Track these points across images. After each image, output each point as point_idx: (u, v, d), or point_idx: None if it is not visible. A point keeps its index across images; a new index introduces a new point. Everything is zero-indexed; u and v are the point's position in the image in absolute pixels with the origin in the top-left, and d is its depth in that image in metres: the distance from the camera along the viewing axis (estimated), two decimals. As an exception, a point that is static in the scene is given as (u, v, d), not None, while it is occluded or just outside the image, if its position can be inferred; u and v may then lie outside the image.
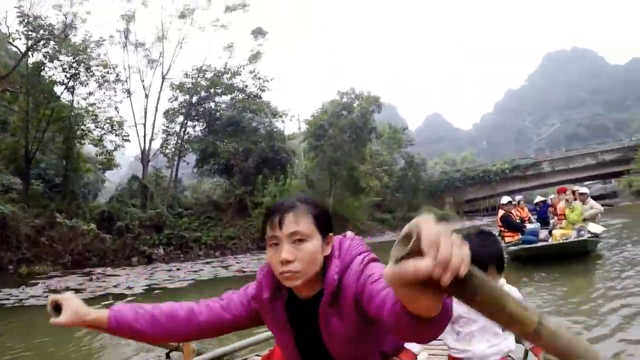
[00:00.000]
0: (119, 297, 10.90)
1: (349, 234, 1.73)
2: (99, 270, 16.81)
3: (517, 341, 2.40)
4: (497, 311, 0.78)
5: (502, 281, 2.29)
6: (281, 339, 1.77)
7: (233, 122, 29.25)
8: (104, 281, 13.67)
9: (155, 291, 11.68)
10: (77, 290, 11.75)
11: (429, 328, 0.99)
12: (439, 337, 1.92)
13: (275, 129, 31.47)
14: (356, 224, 33.02)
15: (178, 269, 16.39)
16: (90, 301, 10.07)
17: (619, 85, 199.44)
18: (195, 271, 15.69)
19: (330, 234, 1.62)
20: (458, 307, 2.07)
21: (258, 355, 2.77)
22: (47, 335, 7.45)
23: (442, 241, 0.68)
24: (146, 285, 12.57)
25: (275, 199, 26.29)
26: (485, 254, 2.09)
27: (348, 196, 34.38)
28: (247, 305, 1.77)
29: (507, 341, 2.26)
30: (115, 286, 12.56)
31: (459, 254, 0.69)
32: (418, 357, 2.25)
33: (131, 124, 26.69)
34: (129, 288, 12.12)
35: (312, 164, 31.46)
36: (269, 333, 2.58)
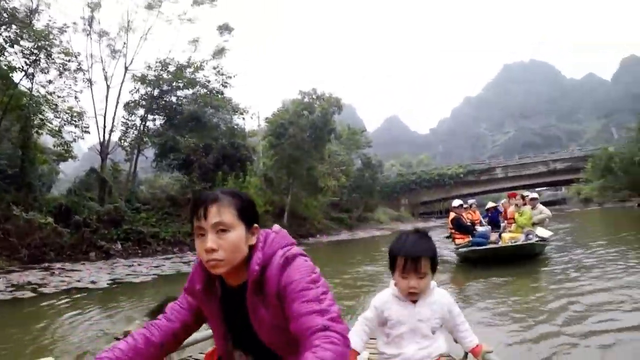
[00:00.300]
0: (83, 291, 10.96)
1: (276, 227, 1.85)
2: (58, 265, 16.51)
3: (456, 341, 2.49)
4: None
5: (433, 284, 2.31)
6: (216, 327, 1.87)
7: (194, 117, 28.95)
8: (66, 276, 13.43)
9: (120, 286, 11.72)
10: (39, 285, 11.72)
11: None
12: (369, 342, 2.14)
13: (236, 126, 31.35)
14: (313, 223, 33.65)
15: (139, 264, 16.28)
16: (54, 295, 10.22)
17: (574, 99, 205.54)
18: (157, 266, 15.66)
19: (255, 225, 1.74)
20: (387, 310, 2.26)
21: (202, 353, 2.79)
22: (15, 326, 7.52)
23: None
24: (110, 280, 12.54)
25: None
26: (420, 247, 2.18)
27: (306, 195, 34.63)
28: (188, 306, 1.89)
29: (438, 343, 2.29)
30: (78, 280, 12.46)
31: None
32: (359, 356, 2.32)
33: (90, 115, 26.05)
34: (93, 282, 12.08)
35: (271, 162, 31.54)
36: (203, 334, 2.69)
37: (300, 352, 1.51)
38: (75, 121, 23.83)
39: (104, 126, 26.65)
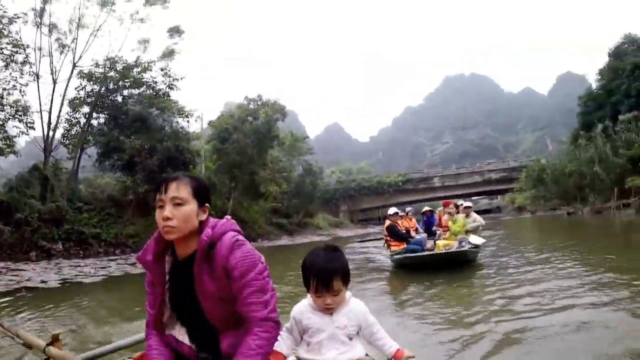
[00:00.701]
0: (34, 290, 11.14)
1: (227, 217, 2.12)
2: (1, 264, 16.37)
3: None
4: None
5: (348, 294, 2.38)
6: (159, 295, 2.07)
7: (140, 118, 28.64)
8: (15, 275, 13.54)
9: (71, 285, 11.93)
10: None
11: None
12: (294, 349, 2.30)
13: (181, 129, 31.27)
14: (254, 228, 33.89)
15: (85, 265, 16.38)
16: (5, 294, 10.39)
17: (511, 111, 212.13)
18: (103, 267, 15.84)
19: (207, 205, 2.04)
20: (305, 320, 2.33)
21: (131, 358, 2.79)
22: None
23: None
24: (60, 280, 12.76)
25: None
26: (332, 267, 2.24)
27: (248, 200, 35.08)
28: (150, 285, 2.12)
29: (356, 349, 2.35)
30: (28, 279, 12.62)
31: None
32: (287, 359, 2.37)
33: (35, 110, 25.34)
34: (43, 282, 12.24)
35: (214, 166, 31.80)
36: (136, 337, 2.88)
37: (239, 330, 1.96)
38: (19, 116, 23.24)
39: (49, 122, 25.94)
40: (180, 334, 2.09)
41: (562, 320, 5.42)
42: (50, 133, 26.01)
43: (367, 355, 2.57)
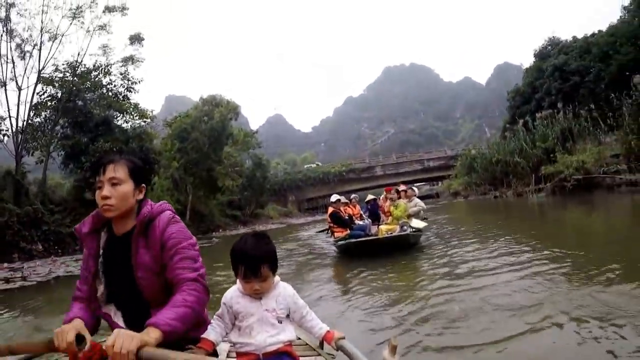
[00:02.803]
0: (41, 285, 12.40)
1: (164, 201, 2.28)
2: None
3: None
4: None
5: (276, 279, 2.42)
6: (90, 268, 2.15)
7: (103, 121, 29.23)
8: (18, 273, 14.74)
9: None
10: (7, 280, 13.18)
11: None
12: (225, 337, 2.38)
13: (143, 130, 31.98)
14: (212, 220, 35.84)
15: (77, 260, 17.51)
16: (39, 285, 12.11)
17: (450, 100, 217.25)
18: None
19: (143, 185, 2.21)
20: (235, 304, 2.36)
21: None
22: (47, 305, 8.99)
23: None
24: (68, 272, 14.16)
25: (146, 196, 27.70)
26: (259, 253, 2.25)
27: (206, 194, 36.79)
28: (85, 263, 2.20)
29: (286, 331, 2.38)
30: (36, 273, 14.12)
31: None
32: (218, 348, 2.37)
33: (3, 117, 26.04)
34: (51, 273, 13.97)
35: (178, 164, 32.93)
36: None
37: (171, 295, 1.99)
38: None
39: (17, 128, 26.47)
40: (116, 316, 2.16)
41: (493, 296, 5.89)
42: (19, 139, 26.39)
43: (298, 338, 2.77)
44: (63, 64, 29.03)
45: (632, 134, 22.72)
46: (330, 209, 12.44)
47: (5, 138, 25.54)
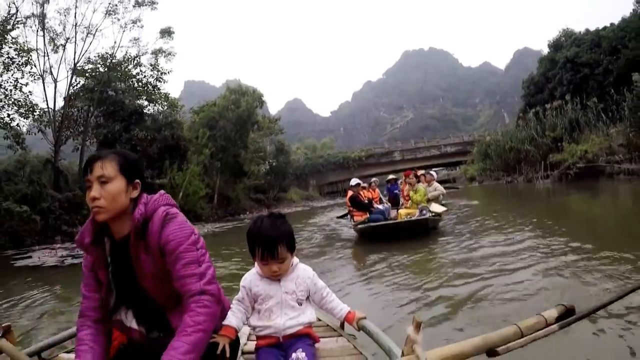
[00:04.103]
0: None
1: (161, 191, 2.09)
2: (37, 247, 18.56)
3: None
4: None
5: (295, 260, 2.38)
6: (102, 279, 2.00)
7: (135, 111, 30.52)
8: (69, 255, 15.30)
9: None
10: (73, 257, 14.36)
11: None
12: (245, 321, 2.32)
13: (174, 119, 33.09)
14: (239, 203, 37.37)
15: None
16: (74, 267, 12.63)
17: (469, 85, 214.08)
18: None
19: (137, 180, 1.98)
20: (254, 287, 2.34)
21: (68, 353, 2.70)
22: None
23: None
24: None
25: (175, 181, 28.51)
26: (276, 234, 2.21)
27: (232, 179, 38.25)
28: (89, 269, 2.04)
29: (306, 313, 2.37)
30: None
31: None
32: (240, 332, 2.34)
33: (42, 108, 26.90)
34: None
35: (209, 151, 33.76)
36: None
37: (182, 311, 1.87)
38: (28, 114, 25.00)
39: (54, 119, 27.46)
40: (128, 319, 2.05)
41: (511, 283, 5.77)
42: (57, 129, 27.37)
43: (319, 319, 2.77)
44: (95, 56, 30.32)
45: (631, 127, 23.86)
46: (350, 193, 12.33)
47: (45, 129, 26.83)
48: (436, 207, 11.77)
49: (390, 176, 16.33)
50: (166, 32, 32.16)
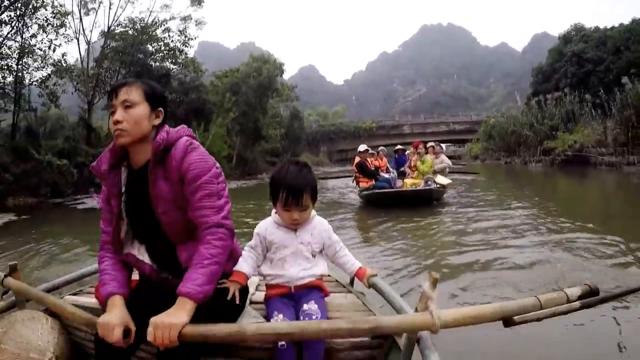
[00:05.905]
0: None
1: (183, 125, 2.10)
2: (76, 197, 20.31)
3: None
4: None
5: (313, 212, 2.36)
6: (115, 208, 2.01)
7: (165, 74, 31.51)
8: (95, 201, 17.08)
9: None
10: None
11: None
12: (256, 269, 2.32)
13: (201, 83, 34.43)
14: (255, 165, 39.40)
15: None
16: None
17: (485, 64, 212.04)
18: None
19: (160, 109, 2.00)
20: (270, 235, 2.32)
21: (92, 287, 2.76)
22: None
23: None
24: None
25: (200, 140, 31.42)
26: (302, 181, 2.19)
27: (251, 143, 40.21)
28: (105, 202, 2.07)
29: (319, 266, 2.36)
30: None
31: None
32: (249, 281, 2.30)
33: (77, 68, 27.89)
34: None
35: (234, 114, 35.25)
36: (96, 266, 2.53)
37: (196, 241, 1.87)
38: (68, 75, 25.77)
39: (88, 78, 28.42)
40: (140, 253, 2.05)
41: (507, 255, 5.91)
42: (91, 89, 28.51)
43: (329, 275, 2.80)
44: (125, 19, 31.42)
45: (617, 125, 25.84)
46: (357, 159, 12.29)
47: (79, 86, 27.93)
48: (441, 179, 11.99)
49: (399, 146, 16.28)
50: (197, 0, 33.16)
